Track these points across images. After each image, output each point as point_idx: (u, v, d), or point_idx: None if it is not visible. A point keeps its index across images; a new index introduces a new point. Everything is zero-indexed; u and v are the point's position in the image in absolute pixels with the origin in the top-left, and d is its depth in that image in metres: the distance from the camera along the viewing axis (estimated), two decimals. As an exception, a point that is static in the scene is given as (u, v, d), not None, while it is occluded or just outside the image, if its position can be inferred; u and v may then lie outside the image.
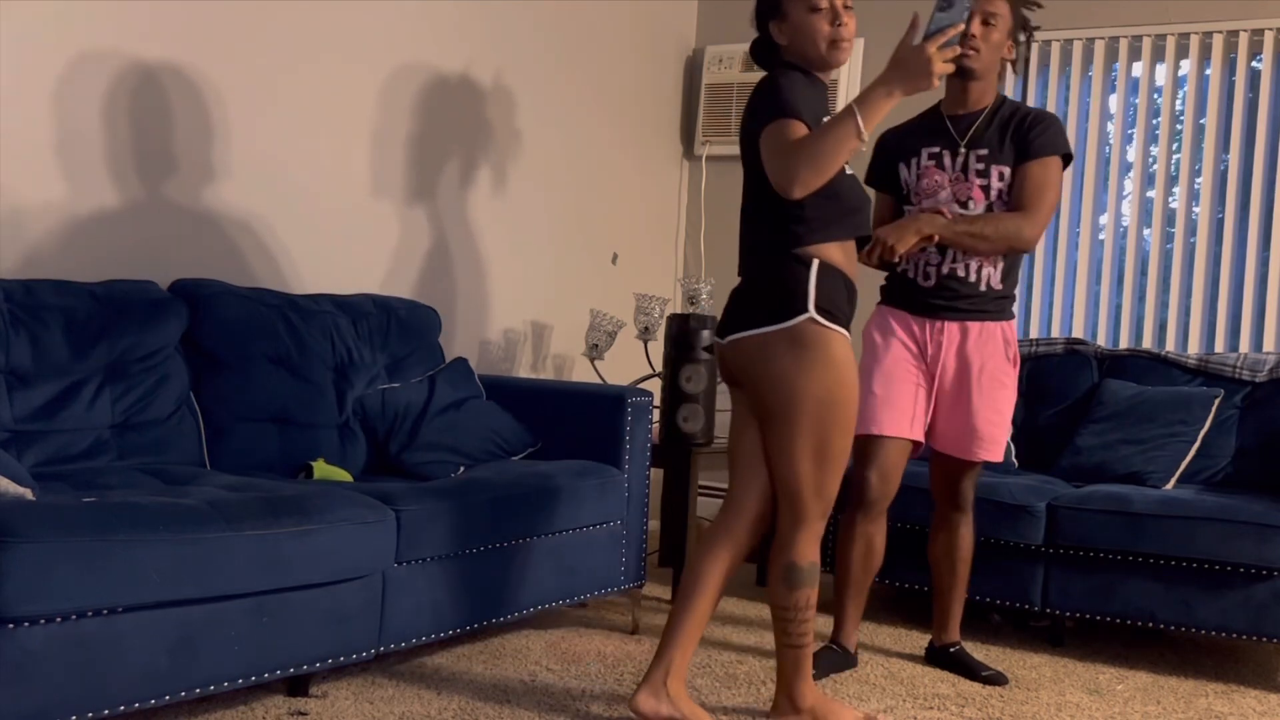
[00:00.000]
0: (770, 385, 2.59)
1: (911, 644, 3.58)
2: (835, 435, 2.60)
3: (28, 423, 2.79)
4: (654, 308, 4.32)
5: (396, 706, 2.77)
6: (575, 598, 3.36)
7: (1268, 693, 3.28)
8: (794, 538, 2.65)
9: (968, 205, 3.12)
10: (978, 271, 3.13)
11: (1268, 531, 3.26)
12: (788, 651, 2.71)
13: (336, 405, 3.41)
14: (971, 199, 3.12)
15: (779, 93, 2.57)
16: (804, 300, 2.55)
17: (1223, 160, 4.44)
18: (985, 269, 3.13)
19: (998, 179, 3.11)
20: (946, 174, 3.15)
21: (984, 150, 3.12)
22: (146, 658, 2.29)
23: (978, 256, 3.11)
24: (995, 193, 3.11)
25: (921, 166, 3.18)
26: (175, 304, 3.16)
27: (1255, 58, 4.40)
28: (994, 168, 3.11)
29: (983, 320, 3.15)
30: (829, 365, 2.56)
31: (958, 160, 3.14)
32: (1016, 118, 3.14)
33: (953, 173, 3.14)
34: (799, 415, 2.57)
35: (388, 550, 2.75)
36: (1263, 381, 3.93)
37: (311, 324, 3.41)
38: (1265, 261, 4.33)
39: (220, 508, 2.43)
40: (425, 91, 4.09)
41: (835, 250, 2.63)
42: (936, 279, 3.15)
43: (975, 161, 3.13)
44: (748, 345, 2.62)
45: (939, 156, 3.17)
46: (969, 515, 3.31)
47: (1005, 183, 3.11)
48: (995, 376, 3.15)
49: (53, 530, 2.13)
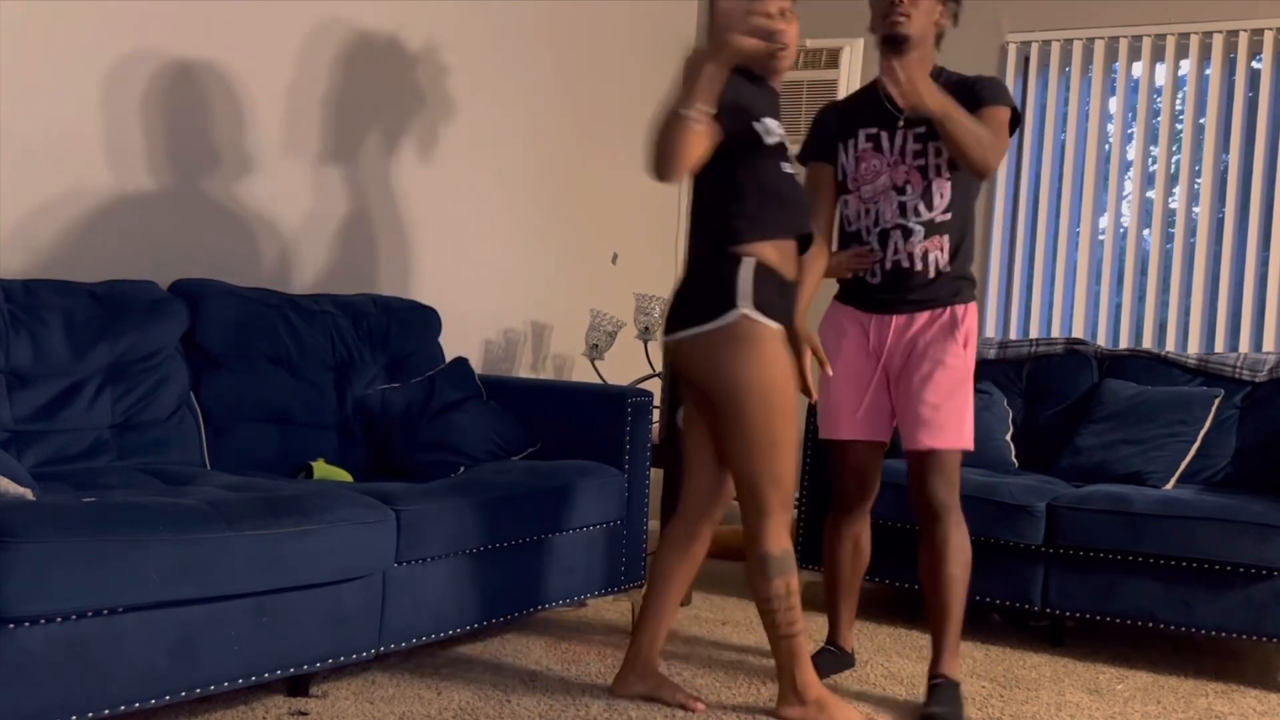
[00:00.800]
0: (714, 382, 2.69)
1: (911, 644, 3.58)
2: (779, 424, 2.67)
3: (28, 423, 2.79)
4: (654, 308, 4.32)
5: (396, 706, 2.77)
6: (575, 598, 3.36)
7: (1268, 693, 3.28)
8: (761, 529, 2.72)
9: (905, 190, 2.97)
10: (923, 258, 2.96)
11: (1268, 531, 3.26)
12: (782, 643, 2.75)
13: (336, 405, 3.41)
14: (909, 183, 2.97)
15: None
16: (737, 297, 2.64)
17: (1223, 160, 4.44)
18: (931, 254, 2.96)
19: (935, 154, 2.94)
20: (885, 157, 2.99)
21: (922, 128, 2.93)
22: (146, 658, 2.29)
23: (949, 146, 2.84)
24: (934, 169, 2.95)
25: (859, 150, 3.02)
26: (175, 304, 3.16)
27: (1255, 58, 4.40)
28: (931, 144, 2.94)
29: (932, 308, 2.98)
30: (765, 359, 2.65)
31: (895, 142, 2.98)
32: (955, 84, 2.94)
33: (890, 156, 2.99)
34: (744, 410, 2.66)
35: (388, 550, 2.75)
36: (1263, 381, 3.93)
37: (311, 324, 3.41)
38: (1265, 261, 4.34)
39: (220, 508, 2.43)
40: (424, 91, 4.09)
41: (770, 250, 2.71)
42: (882, 275, 3.01)
43: (913, 141, 2.96)
44: (689, 344, 2.71)
45: (876, 138, 3.00)
46: (947, 523, 2.95)
47: (944, 157, 2.92)
48: (934, 356, 2.95)
49: (53, 530, 2.13)
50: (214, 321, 3.21)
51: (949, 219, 2.97)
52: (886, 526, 3.75)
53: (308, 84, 3.71)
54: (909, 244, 2.97)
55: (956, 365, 2.96)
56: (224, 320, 3.23)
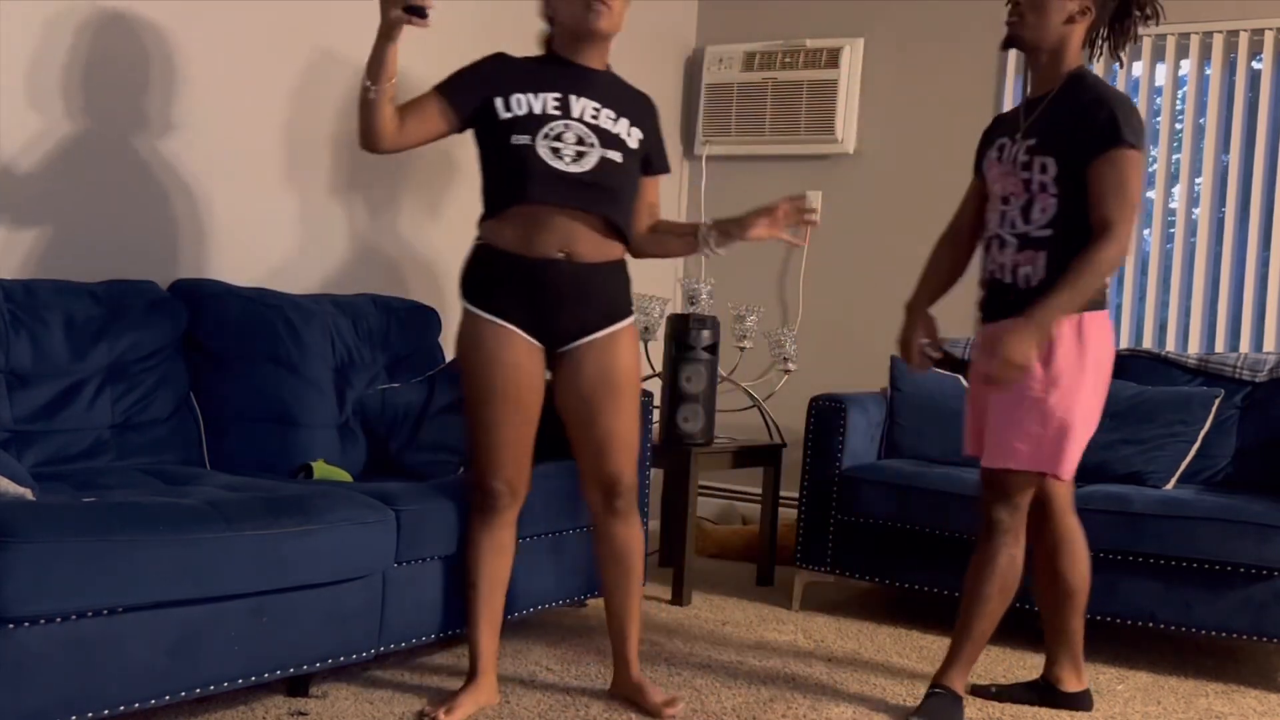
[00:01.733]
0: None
1: (911, 644, 3.58)
2: (474, 409, 2.75)
3: (28, 423, 2.79)
4: (654, 308, 4.32)
5: (396, 706, 2.77)
6: (575, 598, 3.36)
7: (1268, 693, 3.28)
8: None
9: (1009, 201, 2.82)
10: (1013, 272, 2.81)
11: (1268, 531, 3.26)
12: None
13: (336, 405, 3.41)
14: (1012, 194, 2.81)
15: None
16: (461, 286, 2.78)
17: (1223, 160, 4.44)
18: (1022, 269, 2.79)
19: (1040, 170, 2.76)
20: (999, 167, 2.86)
21: (1033, 140, 2.78)
22: (146, 658, 2.29)
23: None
24: (1038, 185, 2.76)
25: (989, 160, 2.92)
26: (175, 304, 3.16)
27: (1255, 58, 4.40)
28: (1037, 158, 2.76)
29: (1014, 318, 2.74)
30: (461, 348, 2.77)
31: (1010, 151, 2.83)
32: (1076, 99, 2.74)
33: (1004, 166, 2.84)
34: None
35: (388, 550, 2.75)
36: (1263, 381, 3.93)
37: (311, 324, 3.41)
38: (1265, 261, 4.33)
39: (220, 508, 2.43)
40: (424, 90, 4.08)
41: (505, 227, 2.72)
42: (982, 285, 2.92)
43: (1023, 153, 2.79)
44: None
45: (1003, 148, 2.87)
46: (994, 542, 2.82)
47: (1049, 174, 2.74)
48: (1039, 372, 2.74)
49: (53, 530, 2.13)
50: (214, 321, 3.21)
51: (1048, 235, 2.76)
52: (886, 526, 3.75)
53: (312, 90, 3.70)
54: (1001, 254, 2.84)
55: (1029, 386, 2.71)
56: (224, 320, 3.23)
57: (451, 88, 2.73)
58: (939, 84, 4.83)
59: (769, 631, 3.64)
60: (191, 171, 3.41)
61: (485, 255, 2.74)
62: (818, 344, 4.83)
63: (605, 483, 2.82)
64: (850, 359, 4.72)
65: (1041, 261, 2.77)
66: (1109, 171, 2.69)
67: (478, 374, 2.72)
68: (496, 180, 2.74)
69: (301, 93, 3.69)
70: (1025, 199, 2.80)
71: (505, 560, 2.84)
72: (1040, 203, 2.78)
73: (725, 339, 4.31)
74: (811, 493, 3.92)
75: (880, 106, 4.91)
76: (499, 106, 2.70)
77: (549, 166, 2.66)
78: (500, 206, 2.72)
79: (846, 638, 3.62)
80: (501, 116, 2.69)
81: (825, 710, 2.91)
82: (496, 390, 2.70)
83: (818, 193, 4.99)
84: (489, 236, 2.74)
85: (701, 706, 2.90)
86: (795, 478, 4.09)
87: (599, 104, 2.76)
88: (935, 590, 3.69)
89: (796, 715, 2.86)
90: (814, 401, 3.97)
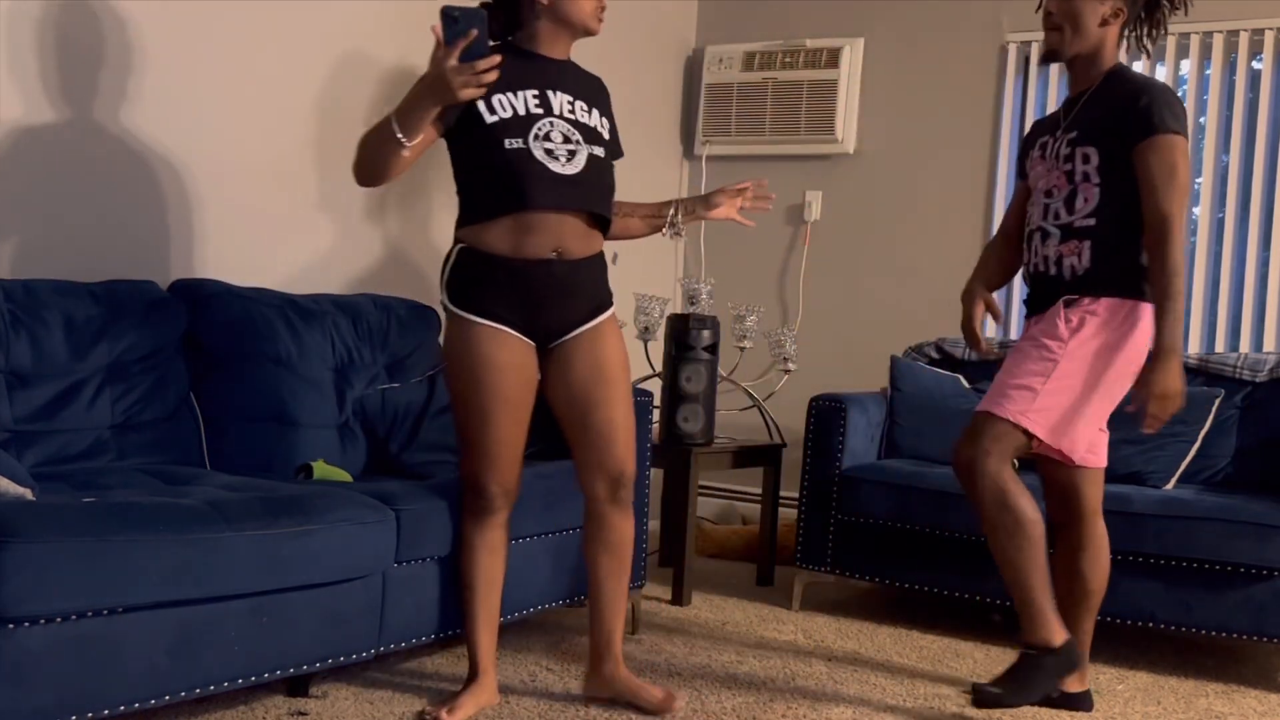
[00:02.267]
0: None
1: (911, 644, 3.58)
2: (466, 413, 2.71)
3: (28, 423, 2.79)
4: (654, 308, 4.32)
5: (396, 706, 2.77)
6: (575, 598, 3.36)
7: (1268, 693, 3.28)
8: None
9: (1052, 194, 2.88)
10: (1057, 263, 2.86)
11: (1268, 531, 3.26)
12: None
13: (336, 405, 3.41)
14: (1055, 187, 2.87)
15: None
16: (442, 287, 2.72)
17: (1223, 160, 4.44)
18: (1067, 259, 2.84)
19: (1082, 161, 2.82)
20: (1046, 163, 2.92)
21: (1074, 133, 2.85)
22: (146, 658, 2.29)
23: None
24: (1080, 175, 2.82)
25: (1033, 159, 2.98)
26: (175, 304, 3.16)
27: (1255, 58, 4.40)
28: (1079, 149, 2.83)
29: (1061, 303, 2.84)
30: (451, 352, 2.72)
31: (1053, 148, 2.90)
32: (1117, 92, 2.82)
33: (1048, 162, 2.90)
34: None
35: (388, 550, 2.74)
36: (1263, 381, 3.93)
37: (311, 324, 3.41)
38: (1265, 261, 4.33)
39: (220, 508, 2.43)
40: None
41: (494, 230, 2.66)
42: (1028, 278, 2.97)
43: (1064, 146, 2.86)
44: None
45: (1045, 146, 2.94)
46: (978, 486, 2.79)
47: (1091, 164, 2.81)
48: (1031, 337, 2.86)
49: (53, 530, 2.13)
50: (214, 321, 3.21)
51: (1091, 224, 2.82)
52: (886, 526, 3.75)
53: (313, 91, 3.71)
54: (1045, 246, 2.88)
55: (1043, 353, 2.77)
56: (224, 320, 3.23)
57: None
58: (939, 84, 4.83)
59: (769, 631, 3.64)
60: (192, 172, 3.41)
61: (470, 258, 2.68)
62: (818, 344, 4.83)
63: (611, 473, 2.81)
64: (850, 359, 4.72)
65: (1086, 251, 2.82)
66: (1155, 159, 2.74)
67: (471, 377, 2.68)
68: (487, 185, 2.67)
69: (302, 94, 3.69)
70: (1068, 190, 2.84)
71: (500, 559, 2.83)
72: (1083, 193, 2.82)
73: (725, 339, 4.31)
74: (811, 493, 3.92)
75: (880, 106, 4.91)
76: (482, 109, 2.63)
77: (546, 170, 2.63)
78: (494, 212, 2.66)
79: (846, 638, 3.62)
80: (487, 120, 2.63)
81: (825, 710, 2.91)
82: (492, 392, 2.67)
83: (818, 192, 4.99)
84: (473, 240, 2.68)
85: (701, 706, 2.90)
86: (795, 478, 4.09)
87: (571, 97, 2.74)
88: (935, 590, 3.69)
89: (796, 715, 2.86)
90: (814, 401, 3.97)
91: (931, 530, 3.66)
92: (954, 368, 4.34)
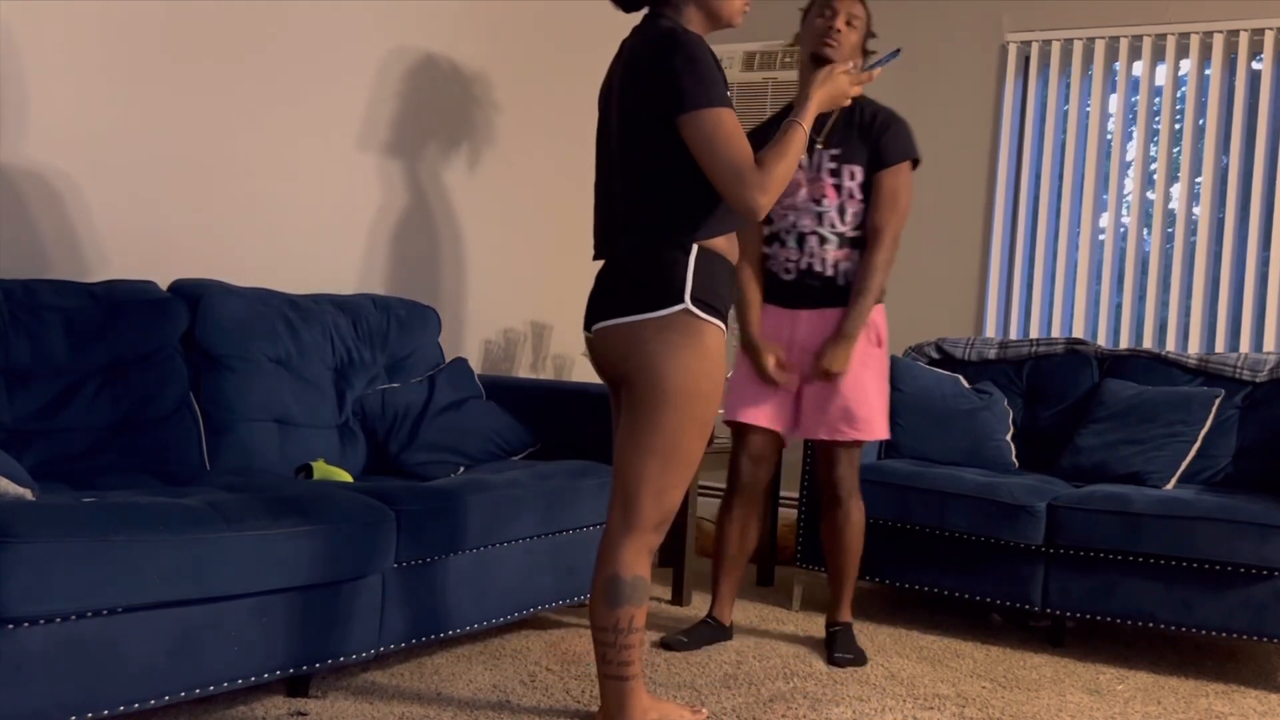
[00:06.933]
0: (636, 374, 2.39)
1: (911, 644, 3.58)
2: (688, 434, 2.39)
3: (27, 423, 2.79)
4: (654, 308, 4.31)
5: (396, 706, 2.77)
6: (575, 598, 3.36)
7: (1268, 693, 3.28)
8: (622, 545, 2.40)
9: (821, 203, 3.29)
10: (834, 266, 3.31)
11: (1268, 531, 3.26)
12: (608, 684, 2.44)
13: (336, 405, 3.41)
14: (825, 197, 3.29)
15: (706, 71, 2.35)
16: (681, 290, 2.38)
17: (1223, 160, 4.44)
18: (843, 265, 3.31)
19: (849, 178, 3.28)
20: (804, 172, 3.31)
21: (837, 150, 3.29)
22: (146, 658, 2.29)
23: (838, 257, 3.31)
24: (847, 191, 3.28)
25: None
26: (175, 304, 3.16)
27: (1255, 58, 4.40)
28: (845, 167, 3.29)
29: (841, 306, 3.30)
30: (698, 356, 2.38)
31: (813, 159, 3.31)
32: (868, 118, 3.29)
33: (809, 172, 3.31)
34: (658, 405, 2.36)
35: (388, 550, 2.75)
36: (1263, 381, 3.93)
37: (311, 324, 3.41)
38: (1265, 261, 4.34)
39: (220, 508, 2.43)
40: (424, 91, 4.09)
41: (720, 238, 2.46)
42: (796, 274, 3.34)
43: (829, 160, 3.30)
44: (616, 334, 2.43)
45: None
46: (850, 504, 3.38)
47: (856, 181, 3.28)
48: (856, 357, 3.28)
49: (53, 530, 2.13)
50: (214, 321, 3.21)
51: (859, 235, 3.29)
52: (886, 526, 3.75)
53: (314, 91, 3.71)
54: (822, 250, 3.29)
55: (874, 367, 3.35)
56: (224, 320, 3.23)
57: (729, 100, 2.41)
58: (939, 84, 4.83)
59: (769, 632, 3.64)
60: (192, 172, 3.41)
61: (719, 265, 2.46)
62: (818, 344, 4.82)
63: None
64: (850, 359, 4.71)
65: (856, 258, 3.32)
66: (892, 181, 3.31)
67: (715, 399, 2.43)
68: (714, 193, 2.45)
69: (303, 93, 3.69)
70: (837, 203, 3.29)
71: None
72: (848, 207, 3.30)
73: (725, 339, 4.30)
74: (811, 493, 3.92)
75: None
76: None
77: None
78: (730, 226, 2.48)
79: (846, 638, 3.62)
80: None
81: (825, 710, 2.91)
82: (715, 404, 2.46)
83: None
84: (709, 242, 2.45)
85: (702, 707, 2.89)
86: (795, 478, 4.08)
87: None
88: (935, 590, 3.69)
89: (796, 715, 2.86)
90: (814, 401, 3.97)
91: (931, 530, 3.67)
92: (954, 368, 4.34)
